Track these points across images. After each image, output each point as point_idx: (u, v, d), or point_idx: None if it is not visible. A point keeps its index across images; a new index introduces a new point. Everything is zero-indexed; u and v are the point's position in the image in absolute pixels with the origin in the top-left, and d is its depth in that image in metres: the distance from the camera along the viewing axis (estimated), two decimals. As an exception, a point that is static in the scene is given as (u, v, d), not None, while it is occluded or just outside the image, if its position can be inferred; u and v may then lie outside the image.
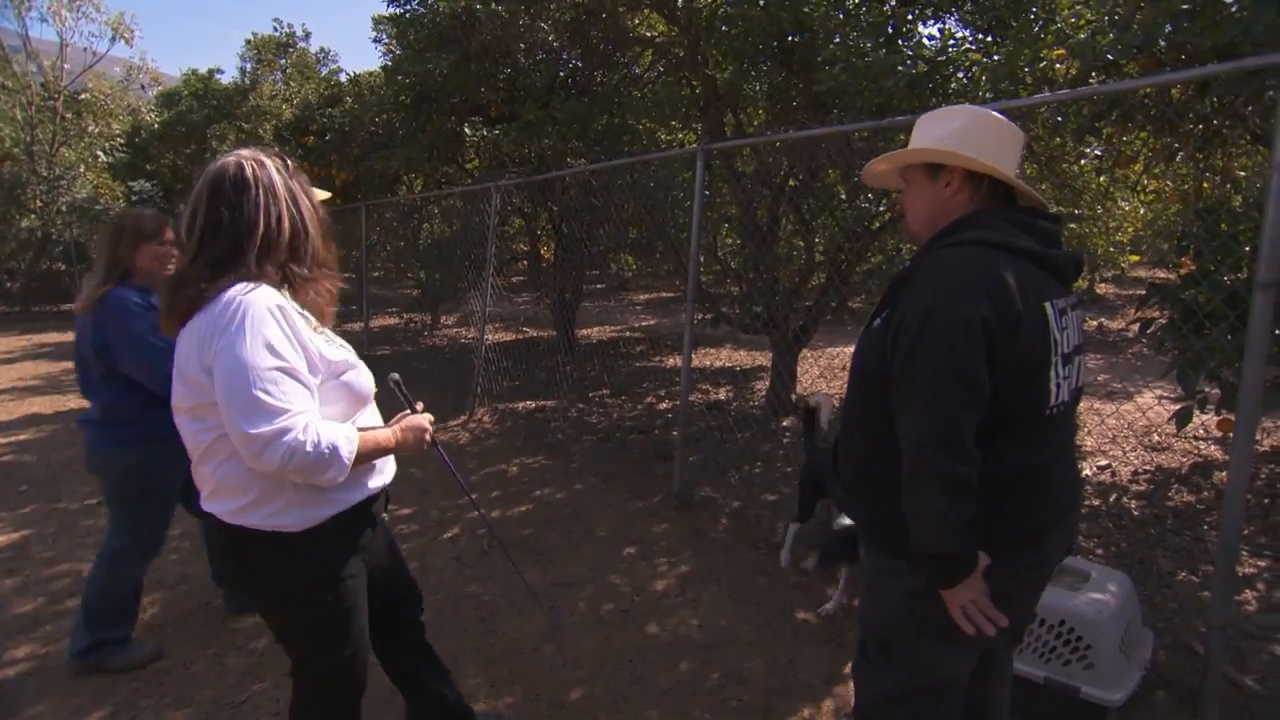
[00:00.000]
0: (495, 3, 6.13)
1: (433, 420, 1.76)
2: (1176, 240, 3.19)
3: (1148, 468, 4.50)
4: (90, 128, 14.60)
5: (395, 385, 1.83)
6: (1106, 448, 4.86)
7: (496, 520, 3.90)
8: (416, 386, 6.61)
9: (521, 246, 10.11)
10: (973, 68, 3.90)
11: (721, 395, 6.71)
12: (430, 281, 9.61)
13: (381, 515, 1.74)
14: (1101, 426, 5.22)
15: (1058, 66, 3.54)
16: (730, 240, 6.61)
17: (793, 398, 5.68)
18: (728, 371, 7.91)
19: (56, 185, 13.25)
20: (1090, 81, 3.10)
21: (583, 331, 10.13)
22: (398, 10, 7.34)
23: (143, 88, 17.17)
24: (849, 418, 1.52)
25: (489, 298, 6.21)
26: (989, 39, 4.19)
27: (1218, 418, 2.89)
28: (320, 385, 1.49)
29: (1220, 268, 2.81)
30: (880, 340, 1.38)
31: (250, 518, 1.46)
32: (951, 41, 4.04)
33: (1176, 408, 2.76)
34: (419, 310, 10.95)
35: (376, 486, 1.65)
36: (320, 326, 1.54)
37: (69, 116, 14.38)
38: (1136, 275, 13.32)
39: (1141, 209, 6.81)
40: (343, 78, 12.82)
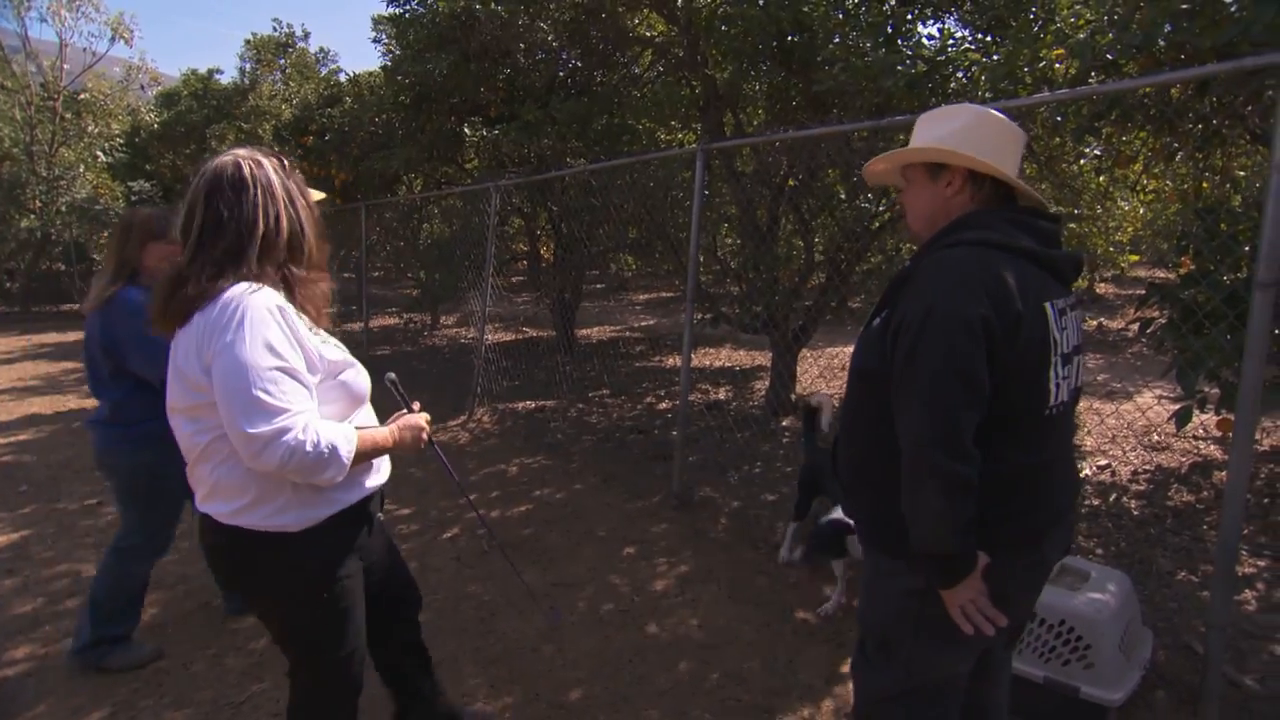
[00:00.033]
0: (495, 3, 6.13)
1: (429, 419, 1.76)
2: (1176, 240, 3.19)
3: (1147, 467, 4.50)
4: (90, 128, 14.56)
5: (392, 385, 1.83)
6: (1106, 447, 4.86)
7: (496, 520, 3.90)
8: (416, 386, 6.63)
9: (521, 246, 10.12)
10: (972, 67, 3.90)
11: (721, 395, 6.71)
12: (430, 281, 9.61)
13: (378, 514, 1.74)
14: (1101, 426, 5.22)
15: (1057, 66, 3.53)
16: (730, 240, 6.61)
17: (792, 397, 5.69)
18: (727, 371, 7.91)
19: (56, 185, 13.21)
20: (1089, 81, 3.10)
21: (582, 331, 10.13)
22: (397, 10, 7.35)
23: (142, 88, 17.13)
24: (848, 417, 1.52)
25: (489, 298, 6.21)
26: (988, 39, 4.19)
27: (1217, 417, 2.88)
28: (318, 384, 1.48)
29: (1220, 267, 2.81)
30: (880, 340, 1.38)
31: (249, 518, 1.46)
32: (951, 41, 4.04)
33: (1176, 407, 2.76)
34: (419, 310, 10.95)
35: (373, 486, 1.65)
36: (316, 328, 1.53)
37: (68, 117, 14.34)
38: (1136, 275, 13.31)
39: (1141, 209, 6.81)
40: (342, 78, 12.80)
